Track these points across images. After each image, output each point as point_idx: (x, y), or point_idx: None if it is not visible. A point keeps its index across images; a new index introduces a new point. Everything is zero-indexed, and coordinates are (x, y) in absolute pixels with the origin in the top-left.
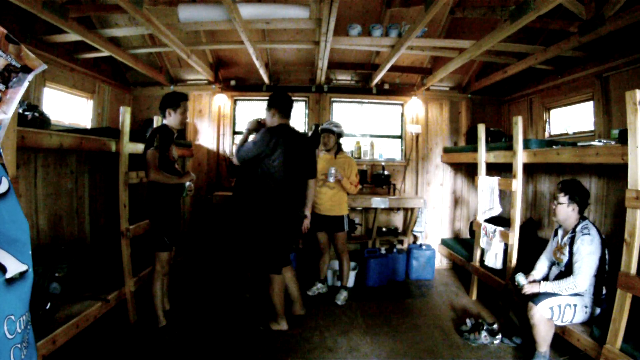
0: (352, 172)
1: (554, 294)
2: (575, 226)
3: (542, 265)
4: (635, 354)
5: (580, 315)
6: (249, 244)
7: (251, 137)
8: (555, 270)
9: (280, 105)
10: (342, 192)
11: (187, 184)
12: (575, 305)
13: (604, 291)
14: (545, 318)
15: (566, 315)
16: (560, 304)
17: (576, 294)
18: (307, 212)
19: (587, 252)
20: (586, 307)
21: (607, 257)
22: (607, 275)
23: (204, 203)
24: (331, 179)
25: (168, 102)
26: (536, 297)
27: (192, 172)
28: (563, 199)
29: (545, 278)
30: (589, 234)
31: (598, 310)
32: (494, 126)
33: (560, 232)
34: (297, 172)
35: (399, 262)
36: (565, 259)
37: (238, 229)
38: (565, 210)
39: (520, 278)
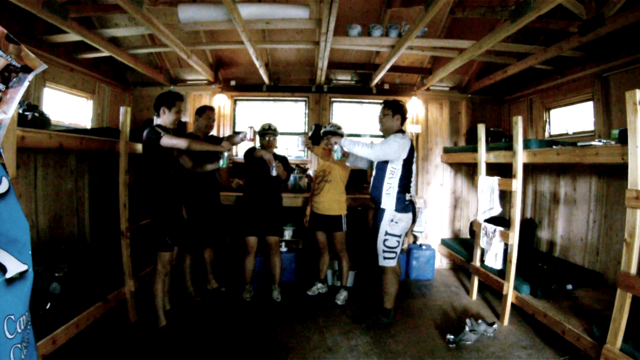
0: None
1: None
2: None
3: None
4: (635, 354)
5: (393, 228)
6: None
7: None
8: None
9: None
10: (340, 192)
11: (226, 154)
12: (387, 234)
13: (408, 197)
14: (386, 268)
15: (390, 247)
16: (382, 248)
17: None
18: None
19: (394, 138)
20: (392, 220)
21: (413, 167)
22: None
23: None
24: (337, 149)
25: (163, 101)
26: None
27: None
28: (388, 111)
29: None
30: (402, 134)
31: (400, 222)
32: (494, 126)
33: None
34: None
35: (399, 262)
36: None
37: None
38: (390, 120)
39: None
